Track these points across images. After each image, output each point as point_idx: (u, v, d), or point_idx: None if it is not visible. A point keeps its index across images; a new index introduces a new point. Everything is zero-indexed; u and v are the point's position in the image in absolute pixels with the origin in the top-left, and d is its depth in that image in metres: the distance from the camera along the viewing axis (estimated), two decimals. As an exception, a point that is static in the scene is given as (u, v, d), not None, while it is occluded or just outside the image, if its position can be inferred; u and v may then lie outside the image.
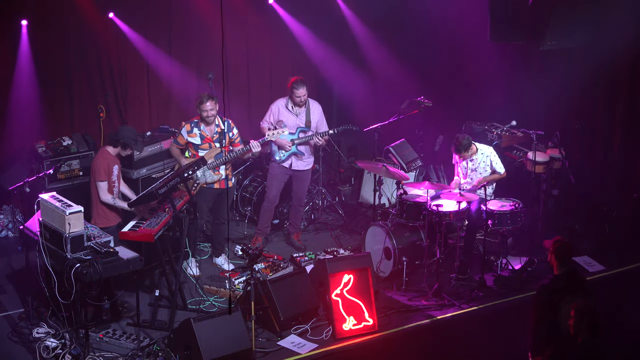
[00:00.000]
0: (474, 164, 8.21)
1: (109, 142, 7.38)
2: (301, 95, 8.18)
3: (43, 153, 8.52)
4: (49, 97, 9.06)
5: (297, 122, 8.30)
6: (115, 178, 7.34)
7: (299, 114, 8.32)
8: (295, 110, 8.31)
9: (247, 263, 6.68)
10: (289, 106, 8.31)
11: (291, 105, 8.30)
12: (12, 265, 8.07)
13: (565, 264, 5.75)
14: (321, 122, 8.43)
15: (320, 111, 8.45)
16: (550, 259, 5.80)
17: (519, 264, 8.16)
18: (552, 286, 5.67)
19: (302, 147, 8.34)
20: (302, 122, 8.31)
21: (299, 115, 8.31)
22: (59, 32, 8.92)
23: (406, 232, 7.99)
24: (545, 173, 8.83)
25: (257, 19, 10.33)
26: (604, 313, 5.56)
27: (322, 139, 8.28)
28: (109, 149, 7.37)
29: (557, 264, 5.75)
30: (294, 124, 8.29)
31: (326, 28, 10.67)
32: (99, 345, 6.56)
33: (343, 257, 7.74)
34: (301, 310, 7.07)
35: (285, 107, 8.32)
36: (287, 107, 8.32)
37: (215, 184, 7.82)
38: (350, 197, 10.35)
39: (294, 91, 8.15)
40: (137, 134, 7.62)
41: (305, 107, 8.32)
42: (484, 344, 6.87)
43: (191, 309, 7.25)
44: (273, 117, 8.36)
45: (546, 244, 5.92)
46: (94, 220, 7.27)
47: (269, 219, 8.63)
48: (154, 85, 9.76)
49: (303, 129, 8.30)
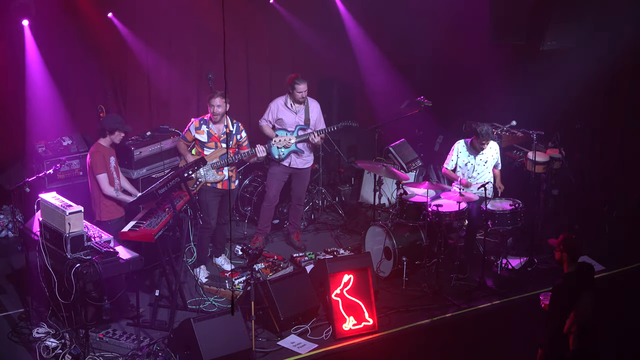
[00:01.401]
0: (482, 159, 8.22)
1: (102, 136, 7.35)
2: (303, 91, 8.17)
3: (43, 153, 8.52)
4: (49, 97, 9.05)
5: (296, 119, 8.30)
6: (113, 169, 7.33)
7: (298, 111, 8.31)
8: (295, 108, 8.30)
9: (247, 263, 6.68)
10: (288, 104, 8.30)
11: (290, 102, 8.29)
12: (12, 265, 8.07)
13: (575, 260, 5.68)
14: (319, 120, 8.42)
15: (319, 110, 8.44)
16: (559, 257, 5.72)
17: (519, 264, 8.16)
18: (567, 285, 5.60)
19: (301, 145, 8.34)
20: (302, 120, 8.31)
21: (298, 113, 8.31)
22: (58, 32, 8.91)
23: (406, 232, 7.99)
24: (545, 173, 8.83)
25: (257, 19, 10.33)
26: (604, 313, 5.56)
27: (317, 136, 8.21)
28: (101, 141, 7.37)
29: (568, 261, 5.66)
30: (293, 122, 8.28)
31: (326, 27, 10.68)
32: (99, 345, 6.55)
33: (343, 257, 7.74)
34: (301, 310, 7.07)
35: (284, 105, 8.32)
36: (286, 105, 8.31)
37: (218, 184, 7.82)
38: (350, 197, 10.35)
39: (296, 87, 8.14)
40: (121, 119, 7.58)
41: (304, 105, 8.31)
42: (484, 344, 6.87)
43: (191, 309, 7.25)
44: (272, 115, 8.35)
45: (552, 242, 5.86)
46: (98, 215, 7.26)
47: (269, 218, 8.63)
48: (154, 85, 9.76)
49: (302, 127, 8.29)
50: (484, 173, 8.25)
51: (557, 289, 5.64)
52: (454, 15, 10.11)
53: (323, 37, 10.64)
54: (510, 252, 8.35)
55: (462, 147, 8.33)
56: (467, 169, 8.28)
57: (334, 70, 10.85)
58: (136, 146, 8.64)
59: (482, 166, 8.24)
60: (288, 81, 8.26)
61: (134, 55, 9.49)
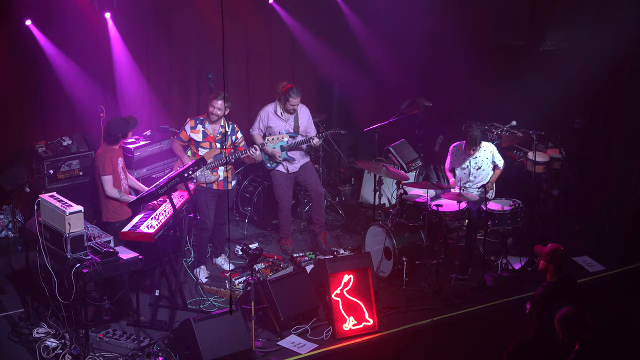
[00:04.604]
0: (477, 163, 8.20)
1: (109, 142, 7.32)
2: (295, 104, 8.15)
3: (43, 153, 8.52)
4: (49, 96, 9.05)
5: (285, 127, 8.27)
6: (120, 170, 7.32)
7: (287, 119, 8.29)
8: (285, 116, 8.27)
9: (247, 263, 6.69)
10: (278, 112, 8.27)
11: (280, 111, 8.26)
12: (12, 265, 8.07)
13: (560, 272, 5.75)
14: (309, 126, 8.39)
15: (308, 115, 8.40)
16: (544, 267, 5.79)
17: (519, 264, 8.16)
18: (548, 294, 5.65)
19: (292, 153, 8.32)
20: (291, 128, 8.29)
21: (288, 121, 8.29)
22: (58, 31, 8.90)
23: (406, 232, 7.99)
24: (545, 173, 8.83)
25: (257, 19, 10.32)
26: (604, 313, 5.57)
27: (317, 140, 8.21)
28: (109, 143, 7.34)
29: (554, 271, 5.74)
30: (282, 130, 8.26)
31: (326, 27, 10.68)
32: (99, 345, 6.56)
33: (343, 257, 7.74)
34: (301, 310, 7.07)
35: (274, 113, 8.28)
36: (276, 113, 8.27)
37: (214, 185, 7.82)
38: (350, 197, 10.35)
39: (289, 99, 8.10)
40: (122, 118, 7.56)
41: (294, 113, 8.29)
42: (484, 344, 6.86)
43: (191, 309, 7.25)
44: (262, 123, 8.33)
45: (539, 250, 5.90)
46: (105, 216, 7.26)
47: (290, 222, 8.66)
48: (154, 84, 9.76)
49: (292, 135, 8.27)
50: (480, 177, 8.23)
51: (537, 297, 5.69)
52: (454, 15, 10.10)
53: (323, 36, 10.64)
54: (510, 252, 8.34)
55: (457, 150, 8.34)
56: (463, 173, 8.28)
57: (334, 70, 10.84)
58: (136, 146, 8.64)
59: (478, 170, 8.22)
60: (282, 90, 8.20)
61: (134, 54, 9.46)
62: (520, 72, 9.81)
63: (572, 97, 9.36)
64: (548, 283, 5.83)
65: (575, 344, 5.10)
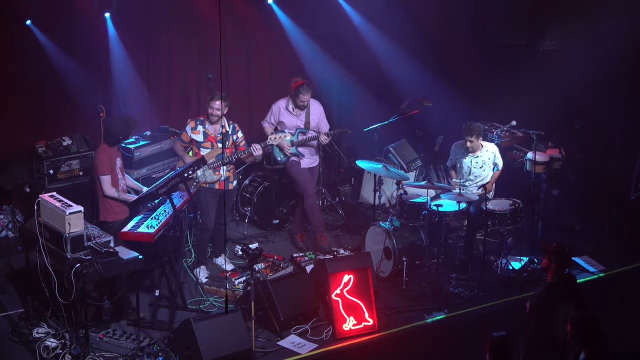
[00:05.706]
0: (478, 162, 8.20)
1: (109, 144, 7.33)
2: (305, 100, 8.18)
3: (43, 153, 8.52)
4: (49, 96, 9.05)
5: (297, 123, 8.30)
6: (118, 170, 7.32)
7: (299, 115, 8.31)
8: (296, 111, 8.30)
9: (247, 263, 6.68)
10: (290, 107, 8.30)
11: (292, 106, 8.30)
12: (12, 265, 8.07)
13: (563, 271, 5.74)
14: (322, 121, 8.42)
15: (321, 111, 8.43)
16: (546, 265, 5.78)
17: (519, 264, 8.16)
18: (549, 294, 5.65)
19: (302, 149, 8.34)
20: (302, 124, 8.31)
21: (299, 116, 8.31)
22: (58, 31, 8.91)
23: (406, 232, 7.99)
24: (545, 173, 8.82)
25: (256, 19, 10.32)
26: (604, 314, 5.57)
27: (325, 137, 8.22)
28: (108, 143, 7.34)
29: (556, 270, 5.73)
30: (293, 125, 8.28)
31: (326, 27, 10.66)
32: (99, 345, 6.56)
33: (343, 257, 7.73)
34: (301, 310, 7.07)
35: (285, 108, 8.32)
36: (287, 108, 8.31)
37: (215, 185, 7.82)
38: (350, 197, 10.35)
39: (299, 95, 8.13)
40: (123, 119, 7.55)
41: (305, 109, 8.31)
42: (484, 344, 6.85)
43: (191, 309, 7.25)
44: (274, 117, 8.35)
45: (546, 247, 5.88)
46: (102, 215, 7.26)
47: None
48: (154, 85, 9.76)
49: (302, 130, 8.29)
50: (481, 176, 8.23)
51: (537, 296, 5.69)
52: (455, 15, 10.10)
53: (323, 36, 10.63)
54: (510, 252, 8.34)
55: (457, 147, 8.34)
56: (464, 171, 8.28)
57: (334, 70, 10.83)
58: (136, 146, 8.64)
59: (479, 169, 8.22)
60: (293, 86, 8.23)
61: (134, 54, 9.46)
62: (520, 72, 9.82)
63: (572, 97, 9.36)
64: (548, 283, 5.83)
65: (582, 351, 5.07)
